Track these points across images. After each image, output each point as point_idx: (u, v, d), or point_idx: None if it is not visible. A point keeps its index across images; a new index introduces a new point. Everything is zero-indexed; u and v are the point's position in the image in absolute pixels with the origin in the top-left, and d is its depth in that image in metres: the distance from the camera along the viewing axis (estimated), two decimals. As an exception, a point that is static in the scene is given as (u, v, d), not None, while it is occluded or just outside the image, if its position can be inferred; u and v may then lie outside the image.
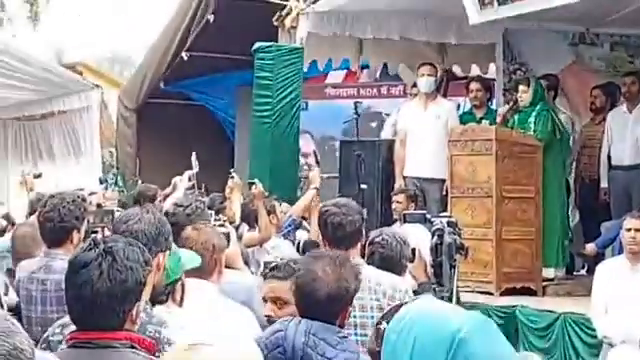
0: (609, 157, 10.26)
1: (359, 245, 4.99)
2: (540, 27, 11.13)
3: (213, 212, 6.06)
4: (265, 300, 4.39)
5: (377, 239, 5.37)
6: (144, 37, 23.09)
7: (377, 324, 3.08)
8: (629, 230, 7.38)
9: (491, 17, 8.78)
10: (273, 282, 4.35)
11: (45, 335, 3.51)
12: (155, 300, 3.60)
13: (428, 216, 5.62)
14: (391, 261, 5.19)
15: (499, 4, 8.48)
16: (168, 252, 3.75)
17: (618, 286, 7.28)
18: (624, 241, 7.46)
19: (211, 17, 13.29)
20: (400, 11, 10.65)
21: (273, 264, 4.48)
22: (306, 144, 13.78)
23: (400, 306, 2.65)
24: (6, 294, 4.81)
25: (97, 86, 15.61)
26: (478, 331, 2.28)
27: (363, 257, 5.15)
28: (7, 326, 2.18)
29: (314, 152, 11.97)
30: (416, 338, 2.28)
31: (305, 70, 10.85)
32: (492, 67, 12.29)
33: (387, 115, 12.86)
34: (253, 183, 7.75)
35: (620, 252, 7.90)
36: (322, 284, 3.74)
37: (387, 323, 3.20)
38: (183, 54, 13.99)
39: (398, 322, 2.35)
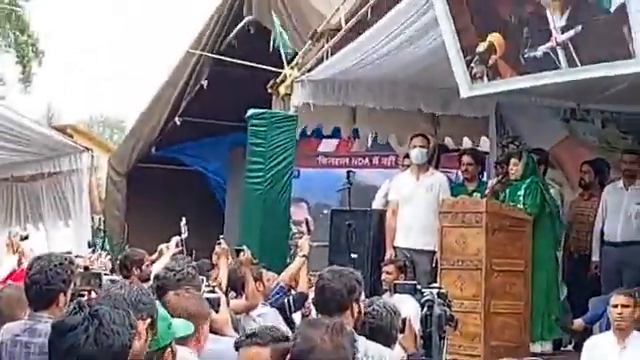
0: (602, 232, 10.28)
1: (348, 313, 4.91)
2: (532, 102, 11.21)
3: (204, 278, 6.02)
4: None
5: (368, 309, 5.32)
6: (136, 102, 23.26)
7: None
8: (616, 306, 7.40)
9: (481, 92, 8.84)
10: (252, 349, 4.23)
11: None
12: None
13: (418, 287, 5.58)
14: (381, 331, 5.14)
15: (489, 79, 8.54)
16: (149, 320, 3.68)
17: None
18: (611, 317, 7.46)
19: (205, 83, 13.39)
20: (394, 82, 10.72)
21: (251, 330, 4.38)
22: (300, 211, 13.77)
23: None
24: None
25: (87, 149, 15.61)
26: None
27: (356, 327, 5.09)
28: None
29: (306, 220, 11.94)
30: None
31: (297, 137, 10.88)
32: (483, 140, 12.35)
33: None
34: (241, 250, 7.72)
35: (607, 328, 7.89)
36: (320, 353, 3.63)
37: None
38: (176, 119, 14.05)
39: None
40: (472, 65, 8.55)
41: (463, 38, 8.51)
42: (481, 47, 8.42)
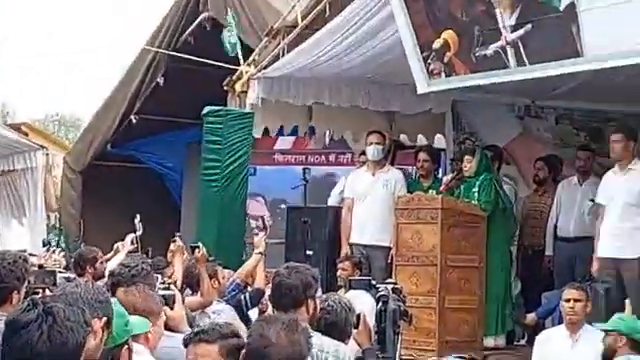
0: (556, 227, 10.39)
1: (304, 309, 4.93)
2: (487, 99, 11.30)
3: (159, 276, 6.02)
4: None
5: (323, 305, 5.35)
6: (93, 99, 23.13)
7: None
8: (568, 301, 7.51)
9: (438, 88, 8.89)
10: (200, 346, 4.22)
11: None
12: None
13: (373, 282, 5.62)
14: (336, 327, 5.16)
15: (446, 75, 8.61)
16: (105, 319, 3.68)
17: (558, 356, 7.35)
18: (563, 311, 7.56)
19: (161, 80, 13.34)
20: (350, 79, 10.75)
21: (200, 327, 4.37)
22: (258, 207, 13.78)
23: None
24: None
25: (42, 147, 15.51)
26: None
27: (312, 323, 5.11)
28: None
29: (262, 217, 11.97)
30: None
31: (258, 136, 10.88)
32: (438, 137, 12.42)
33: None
34: (197, 246, 7.72)
35: (560, 322, 8.00)
36: (276, 350, 3.64)
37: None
38: (132, 117, 13.99)
39: None
40: (429, 61, 8.59)
41: (420, 34, 8.55)
42: (437, 44, 8.47)
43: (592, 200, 9.89)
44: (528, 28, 7.60)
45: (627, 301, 8.78)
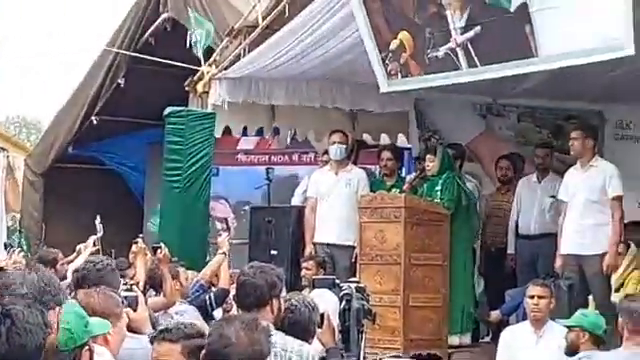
0: (517, 225, 10.44)
1: (268, 309, 4.91)
2: (449, 97, 11.32)
3: (122, 279, 5.99)
4: None
5: (286, 304, 5.33)
6: (54, 102, 22.94)
7: None
8: (532, 297, 7.54)
9: (397, 88, 8.90)
10: (163, 345, 4.22)
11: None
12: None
13: (337, 281, 5.62)
14: (299, 326, 5.14)
15: (402, 76, 8.61)
16: (59, 308, 3.63)
17: (522, 352, 7.39)
18: (527, 308, 7.59)
19: (122, 81, 13.27)
20: (312, 78, 10.73)
21: (165, 326, 4.36)
22: (222, 209, 13.74)
23: None
24: None
25: (2, 149, 15.39)
26: None
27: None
28: None
29: (225, 219, 11.94)
30: None
31: (218, 136, 10.83)
32: (402, 136, 12.44)
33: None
34: (159, 247, 7.68)
35: (524, 319, 8.03)
36: (236, 349, 3.62)
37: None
38: (93, 118, 13.92)
39: None
40: (387, 62, 8.61)
41: (378, 35, 8.56)
42: (393, 45, 8.47)
43: (553, 197, 9.97)
44: (477, 30, 7.59)
45: (590, 297, 8.87)
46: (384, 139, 12.49)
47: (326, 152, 10.96)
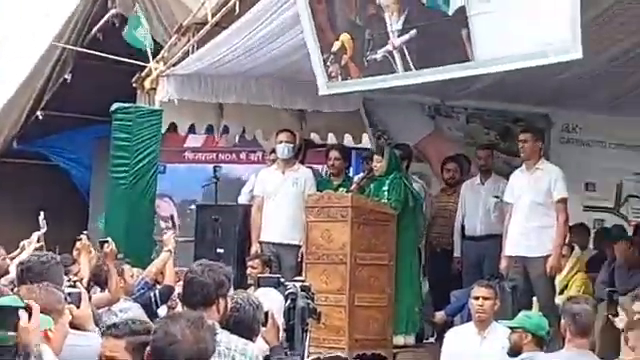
0: (463, 227, 10.49)
1: (214, 307, 4.89)
2: (398, 98, 11.36)
3: (65, 276, 5.93)
4: None
5: (231, 303, 5.31)
6: (-1, 95, 22.67)
7: None
8: (477, 298, 7.58)
9: (336, 91, 8.86)
10: (109, 340, 4.19)
11: None
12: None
13: (282, 280, 5.62)
14: (243, 325, 5.13)
15: (342, 79, 8.58)
16: None
17: (466, 353, 7.42)
18: (472, 309, 7.63)
19: (69, 76, 13.15)
20: (261, 77, 10.71)
21: (111, 322, 4.34)
22: (166, 207, 13.67)
23: None
24: None
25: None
26: None
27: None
28: None
29: (171, 216, 11.88)
30: None
31: (162, 131, 10.76)
32: (348, 136, 12.47)
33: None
34: (105, 242, 7.61)
35: (469, 319, 8.07)
36: (182, 347, 3.57)
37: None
38: (38, 113, 13.78)
39: None
40: (328, 64, 8.56)
41: (321, 36, 8.52)
42: (335, 46, 8.44)
43: (497, 197, 10.04)
44: (413, 33, 7.57)
45: (534, 299, 8.94)
46: (332, 139, 12.51)
47: (273, 151, 10.94)
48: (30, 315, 3.59)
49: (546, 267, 8.87)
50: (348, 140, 12.44)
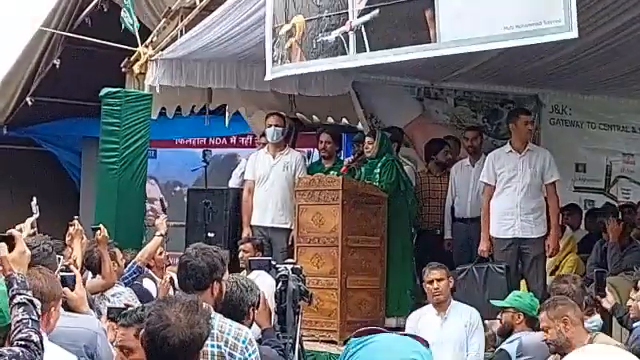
0: (453, 209, 10.51)
1: (209, 291, 4.89)
2: (387, 80, 11.35)
3: (61, 257, 5.92)
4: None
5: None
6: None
7: None
8: (431, 282, 7.61)
9: (277, 75, 8.72)
10: (119, 329, 4.25)
11: None
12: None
13: (273, 263, 5.62)
14: (231, 306, 5.12)
15: (282, 62, 8.46)
16: None
17: (428, 335, 7.41)
18: (429, 293, 7.66)
19: (57, 62, 13.11)
20: (249, 61, 10.68)
21: (121, 310, 4.38)
22: (152, 190, 13.65)
23: None
24: None
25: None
26: None
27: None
28: None
29: (161, 199, 11.84)
30: None
31: (154, 117, 10.74)
32: (330, 119, 12.45)
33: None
34: (98, 228, 7.60)
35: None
36: (175, 331, 3.61)
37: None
38: (28, 99, 13.74)
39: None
40: (274, 48, 8.48)
41: (276, 19, 8.43)
42: (284, 29, 8.34)
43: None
44: (375, 13, 7.46)
45: (522, 281, 8.98)
46: (322, 120, 12.51)
47: (264, 134, 10.92)
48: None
49: (540, 248, 8.90)
50: (338, 121, 12.41)
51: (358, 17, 7.57)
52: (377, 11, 7.42)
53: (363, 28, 7.53)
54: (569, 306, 5.92)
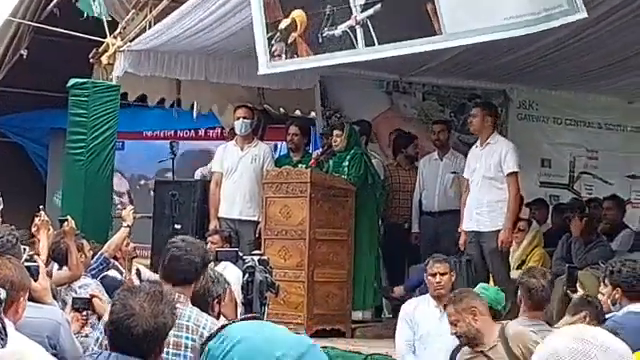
0: (420, 203, 10.54)
1: (193, 285, 4.89)
2: (355, 74, 11.35)
3: (27, 247, 5.90)
4: None
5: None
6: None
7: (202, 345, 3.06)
8: (434, 275, 7.59)
9: (278, 70, 8.74)
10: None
11: None
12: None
13: (240, 254, 5.60)
14: (198, 297, 5.12)
15: (287, 57, 8.47)
16: None
17: (426, 326, 7.45)
18: (430, 285, 7.63)
19: (25, 52, 13.01)
20: (217, 53, 10.66)
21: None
22: (119, 183, 13.60)
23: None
24: None
25: None
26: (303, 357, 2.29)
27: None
28: None
29: (128, 191, 11.82)
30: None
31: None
32: (298, 112, 12.45)
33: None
34: (65, 219, 7.56)
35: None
36: (139, 320, 3.58)
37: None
38: (-7, 89, 13.64)
39: (220, 341, 2.33)
40: (272, 42, 8.46)
41: (269, 13, 8.43)
42: (283, 24, 8.35)
43: (454, 172, 10.10)
44: (377, 8, 7.51)
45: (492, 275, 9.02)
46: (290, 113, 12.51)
47: (232, 127, 10.91)
48: None
49: (497, 241, 8.93)
50: (306, 114, 12.41)
51: (362, 11, 7.60)
52: (379, 5, 7.45)
53: (369, 22, 7.56)
54: (475, 297, 5.99)
